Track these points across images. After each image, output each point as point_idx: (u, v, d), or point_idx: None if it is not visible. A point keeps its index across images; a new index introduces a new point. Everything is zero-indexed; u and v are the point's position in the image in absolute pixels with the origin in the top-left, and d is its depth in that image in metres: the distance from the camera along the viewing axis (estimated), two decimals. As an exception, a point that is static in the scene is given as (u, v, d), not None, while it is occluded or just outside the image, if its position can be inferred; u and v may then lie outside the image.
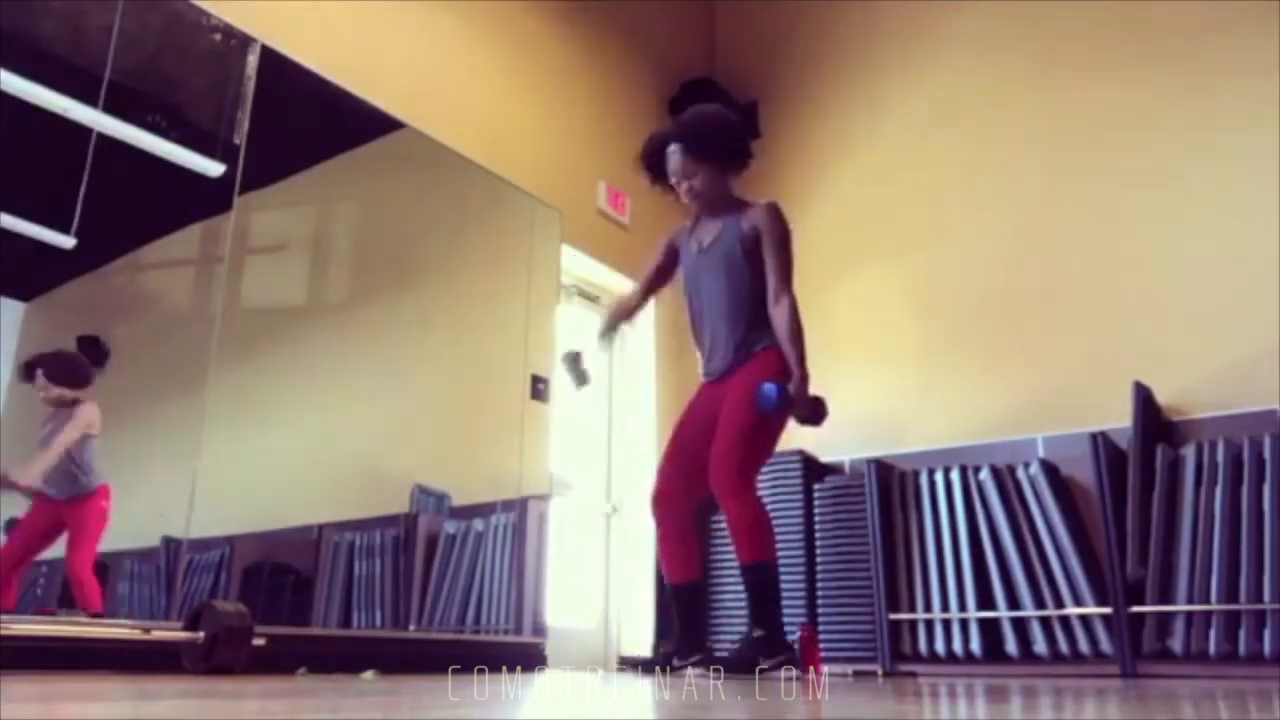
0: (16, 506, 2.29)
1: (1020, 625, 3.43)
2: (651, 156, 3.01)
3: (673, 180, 2.97)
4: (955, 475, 3.65)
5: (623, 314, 3.21)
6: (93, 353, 2.47)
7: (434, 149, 3.46)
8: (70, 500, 2.39)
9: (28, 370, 2.35)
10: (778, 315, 2.83)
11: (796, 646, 2.72)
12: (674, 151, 2.94)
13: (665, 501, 2.90)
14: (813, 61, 4.97)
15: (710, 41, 5.39)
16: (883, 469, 3.82)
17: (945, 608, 3.53)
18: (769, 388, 2.69)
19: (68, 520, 2.39)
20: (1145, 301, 3.77)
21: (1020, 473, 3.57)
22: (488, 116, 3.90)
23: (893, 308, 4.38)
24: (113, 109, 2.50)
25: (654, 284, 3.17)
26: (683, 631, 2.89)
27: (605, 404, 4.47)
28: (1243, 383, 3.45)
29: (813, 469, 4.00)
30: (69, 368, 2.42)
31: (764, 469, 3.96)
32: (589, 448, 4.32)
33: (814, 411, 2.80)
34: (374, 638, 2.93)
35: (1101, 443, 3.40)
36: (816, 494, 3.90)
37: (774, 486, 3.93)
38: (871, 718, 1.09)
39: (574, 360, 3.00)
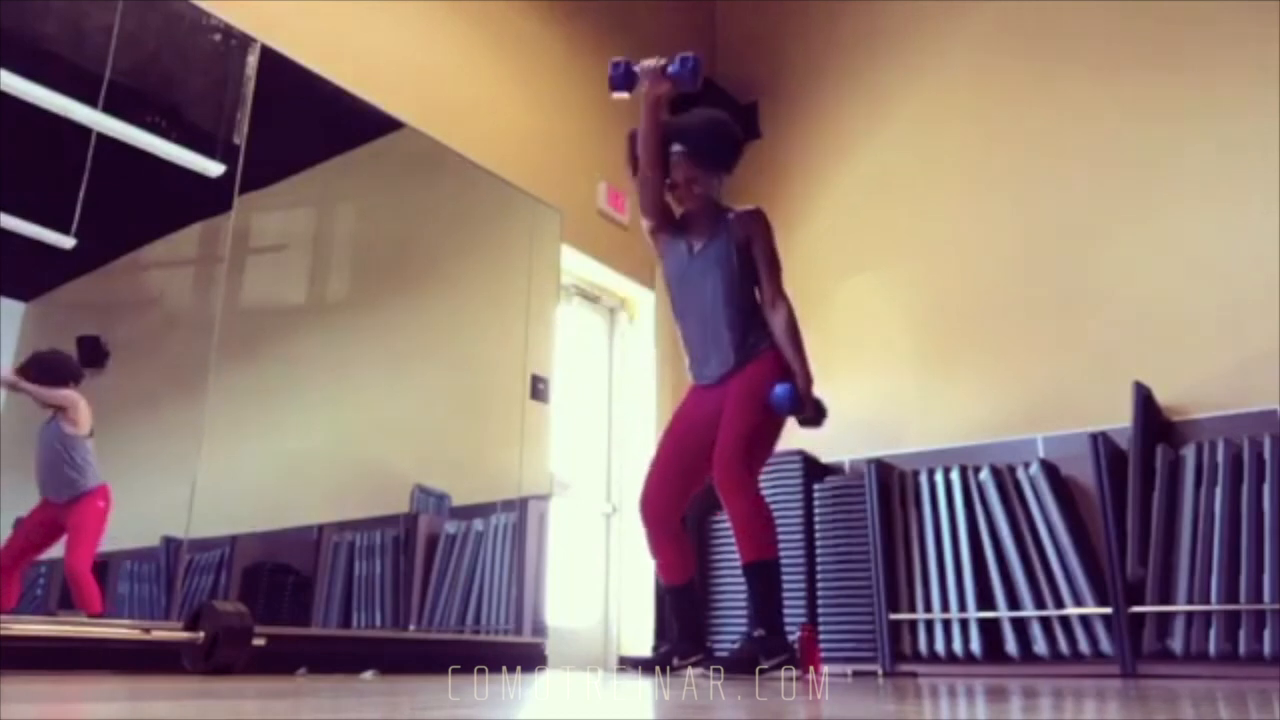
0: (21, 506, 2.29)
1: (1020, 625, 3.43)
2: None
3: (674, 179, 2.95)
4: (955, 475, 3.65)
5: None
6: (93, 353, 2.47)
7: (434, 149, 3.46)
8: (69, 502, 2.38)
9: (17, 377, 2.34)
10: (777, 320, 2.88)
11: (796, 646, 2.72)
12: (680, 154, 2.95)
13: (653, 505, 2.91)
14: (813, 62, 4.97)
15: (710, 42, 5.38)
16: (883, 469, 3.81)
17: (945, 608, 3.53)
18: (782, 389, 2.75)
19: (67, 521, 2.38)
20: (1145, 301, 3.77)
21: (1020, 473, 3.57)
22: (488, 117, 3.90)
23: (893, 307, 4.38)
24: (113, 109, 2.50)
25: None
26: (681, 631, 2.89)
27: (605, 404, 4.47)
28: (1243, 383, 3.45)
29: (813, 469, 4.00)
30: (49, 369, 2.40)
31: (764, 469, 3.98)
32: (589, 448, 4.32)
33: (818, 412, 2.85)
34: (374, 638, 2.93)
35: (1101, 443, 3.40)
36: (816, 494, 3.90)
37: (774, 486, 3.93)
38: (871, 718, 1.09)
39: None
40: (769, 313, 2.90)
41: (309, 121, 3.14)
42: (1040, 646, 3.37)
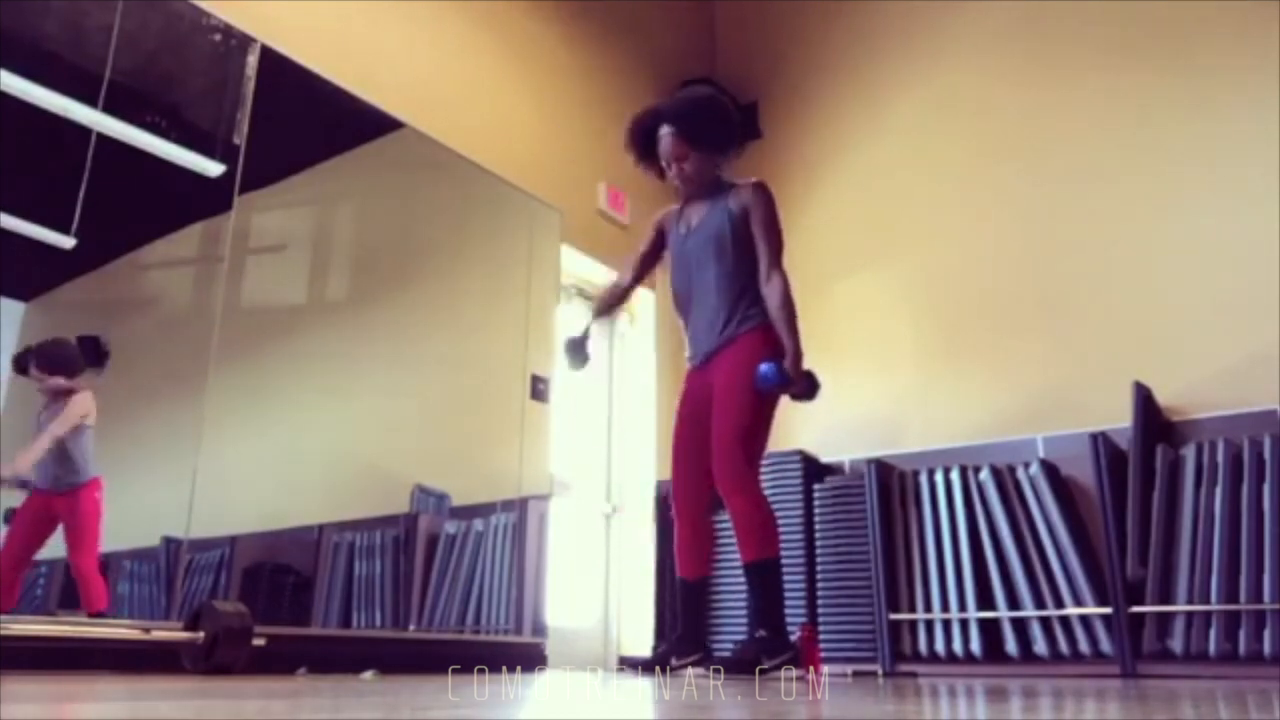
0: (14, 497, 2.29)
1: (1020, 625, 3.43)
2: (643, 134, 2.98)
3: (663, 162, 2.96)
4: (955, 475, 3.65)
5: (614, 299, 3.23)
6: (93, 353, 2.47)
7: (434, 149, 3.46)
8: (63, 492, 2.37)
9: (20, 362, 2.33)
10: (770, 292, 2.82)
11: (797, 646, 2.72)
12: (666, 134, 2.92)
13: (683, 498, 2.90)
14: (813, 61, 4.97)
15: (710, 41, 5.39)
16: (883, 469, 3.81)
17: (945, 608, 3.53)
18: (767, 367, 2.71)
19: (61, 513, 2.36)
20: (1145, 301, 3.77)
21: (1020, 473, 3.57)
22: (487, 116, 3.90)
23: (893, 308, 4.38)
24: (113, 109, 2.50)
25: (644, 267, 3.17)
26: (684, 629, 2.89)
27: (605, 404, 4.47)
28: (1243, 383, 3.45)
29: (813, 469, 3.99)
30: (61, 357, 2.39)
31: (764, 469, 3.97)
32: (589, 448, 4.32)
33: (808, 386, 2.83)
34: (374, 638, 2.93)
35: (1101, 443, 3.40)
36: (816, 494, 3.90)
37: (774, 486, 3.93)
38: (871, 718, 1.09)
39: (578, 344, 3.03)
40: (763, 285, 2.83)
41: (309, 121, 3.13)
42: (1040, 646, 3.37)
